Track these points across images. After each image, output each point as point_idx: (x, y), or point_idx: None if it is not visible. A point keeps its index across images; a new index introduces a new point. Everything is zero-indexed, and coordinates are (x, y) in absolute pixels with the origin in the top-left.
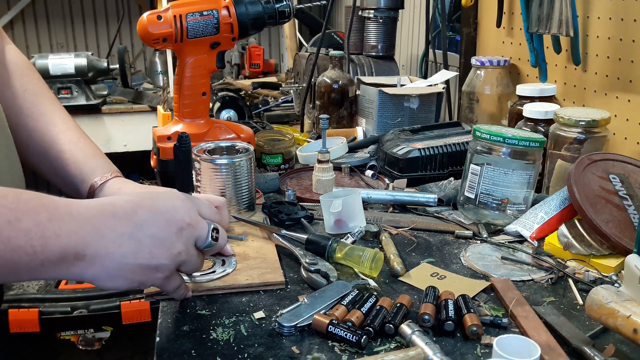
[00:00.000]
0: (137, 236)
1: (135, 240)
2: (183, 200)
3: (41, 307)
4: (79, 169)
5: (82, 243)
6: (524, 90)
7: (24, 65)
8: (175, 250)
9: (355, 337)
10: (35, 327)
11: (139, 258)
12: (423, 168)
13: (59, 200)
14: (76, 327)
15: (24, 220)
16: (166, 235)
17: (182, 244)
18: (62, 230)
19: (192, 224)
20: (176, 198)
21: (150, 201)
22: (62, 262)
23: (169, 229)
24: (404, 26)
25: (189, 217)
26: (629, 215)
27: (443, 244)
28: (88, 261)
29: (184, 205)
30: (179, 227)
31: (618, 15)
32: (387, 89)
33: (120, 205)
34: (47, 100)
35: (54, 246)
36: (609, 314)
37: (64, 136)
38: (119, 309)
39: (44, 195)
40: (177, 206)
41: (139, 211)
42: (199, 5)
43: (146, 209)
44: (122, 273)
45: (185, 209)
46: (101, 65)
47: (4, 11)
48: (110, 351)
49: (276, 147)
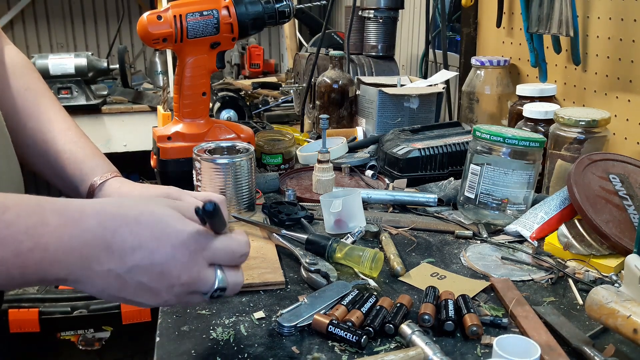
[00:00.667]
0: (124, 277)
1: (122, 280)
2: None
3: (41, 307)
4: (79, 168)
5: (65, 272)
6: (524, 90)
7: (24, 65)
8: (160, 299)
9: (355, 337)
10: (35, 327)
11: (122, 293)
12: (423, 168)
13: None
14: (76, 327)
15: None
16: (155, 286)
17: (173, 296)
18: (44, 260)
19: (186, 282)
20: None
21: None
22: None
23: (160, 282)
24: (404, 26)
25: (188, 275)
26: (629, 215)
27: (443, 244)
28: (70, 283)
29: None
30: (170, 284)
31: (618, 15)
32: (387, 89)
33: (121, 237)
34: (47, 100)
35: (34, 274)
36: (609, 314)
37: (64, 136)
38: (119, 309)
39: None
40: (178, 260)
41: (137, 253)
42: (199, 5)
43: (145, 252)
44: (103, 295)
45: (185, 265)
46: (101, 65)
47: (4, 11)
48: (110, 351)
49: (276, 147)
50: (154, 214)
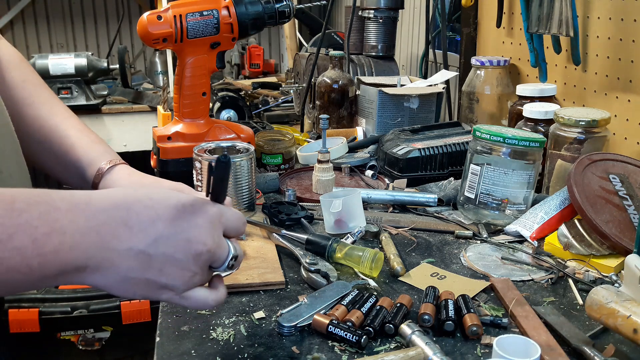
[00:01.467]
0: (148, 251)
1: (146, 256)
2: (209, 218)
3: (41, 307)
4: (86, 152)
5: (84, 256)
6: (524, 90)
7: (20, 58)
8: (188, 273)
9: (355, 337)
10: (35, 327)
11: (147, 273)
12: (423, 168)
13: (60, 204)
14: (76, 327)
15: (18, 236)
16: (182, 257)
17: (198, 267)
18: (63, 245)
19: (212, 249)
20: (204, 214)
21: (174, 214)
22: (62, 275)
23: (187, 251)
24: (404, 26)
25: (212, 240)
26: (629, 215)
27: (443, 244)
28: (89, 272)
29: (209, 226)
30: (198, 251)
31: (618, 15)
32: (387, 89)
33: (136, 212)
34: (46, 91)
35: (53, 263)
36: (609, 314)
37: (68, 122)
38: (119, 309)
39: (43, 199)
40: (201, 226)
41: (158, 224)
42: (199, 5)
43: (166, 222)
44: (125, 285)
45: (208, 231)
46: (101, 65)
47: (4, 11)
48: (110, 351)
49: (276, 147)
50: (162, 191)
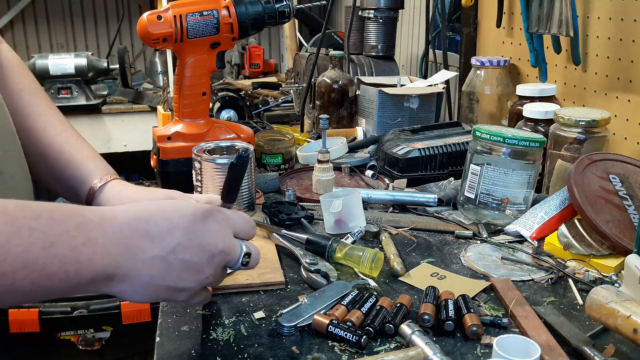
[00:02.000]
0: (168, 259)
1: (166, 263)
2: (220, 222)
3: (41, 307)
4: (78, 170)
5: (114, 265)
6: (524, 90)
7: (19, 64)
8: (203, 275)
9: (355, 337)
10: (35, 327)
11: (166, 280)
12: (423, 168)
13: (93, 217)
14: (76, 327)
15: (58, 245)
16: (197, 261)
17: (212, 269)
18: (96, 254)
19: (225, 250)
20: (213, 220)
21: (187, 223)
22: (93, 284)
23: (202, 255)
24: (404, 26)
25: (223, 242)
26: (629, 215)
27: (443, 244)
28: (117, 281)
29: (220, 229)
30: (212, 253)
31: (618, 15)
32: (387, 89)
33: (155, 223)
34: (42, 100)
35: (87, 270)
36: (609, 314)
37: (62, 137)
38: (119, 309)
39: (77, 212)
40: (213, 231)
41: (175, 233)
42: (199, 5)
43: (182, 231)
44: (146, 292)
45: (220, 234)
46: (101, 65)
47: (4, 11)
48: (110, 351)
49: (276, 147)
50: (173, 202)
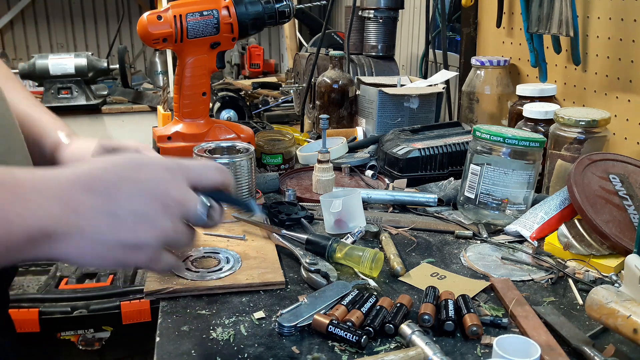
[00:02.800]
0: (116, 212)
1: (115, 217)
2: (173, 171)
3: (41, 307)
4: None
5: (50, 221)
6: (524, 90)
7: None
8: (160, 227)
9: (355, 337)
10: (35, 327)
11: (117, 235)
12: (423, 168)
13: (21, 175)
14: (76, 327)
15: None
16: (150, 211)
17: (169, 221)
18: (28, 211)
19: (180, 200)
20: (165, 169)
21: (135, 172)
22: (30, 244)
23: (154, 204)
24: (404, 26)
25: (177, 191)
26: (629, 215)
27: (443, 244)
28: (58, 240)
29: (173, 179)
30: (165, 203)
31: (618, 15)
32: (387, 89)
33: (99, 176)
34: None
35: (18, 229)
36: (609, 314)
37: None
38: (119, 309)
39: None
40: (165, 179)
41: (122, 185)
42: (199, 5)
43: (130, 182)
44: (97, 251)
45: (173, 183)
46: (101, 65)
47: (4, 11)
48: (110, 351)
49: (276, 147)
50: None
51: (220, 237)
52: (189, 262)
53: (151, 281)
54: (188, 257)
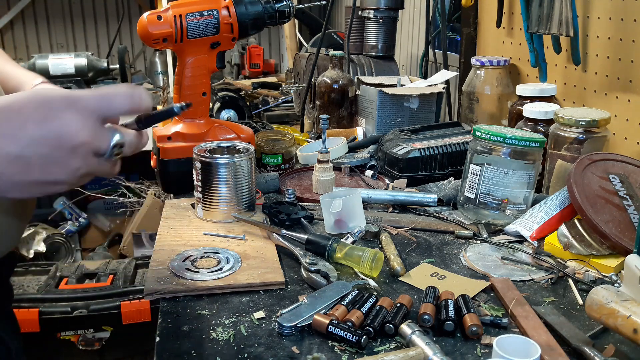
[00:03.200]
0: (25, 155)
1: (24, 160)
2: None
3: (41, 307)
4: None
5: None
6: (524, 90)
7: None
8: (71, 167)
9: (355, 337)
10: (35, 327)
11: (31, 176)
12: (423, 168)
13: None
14: (76, 327)
15: None
16: (58, 154)
17: (79, 160)
18: None
19: (88, 141)
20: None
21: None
22: None
23: (62, 148)
24: (404, 26)
25: (86, 132)
26: (629, 215)
27: (443, 244)
28: None
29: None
30: (72, 146)
31: (618, 15)
32: (387, 89)
33: (6, 117)
34: None
35: None
36: (609, 314)
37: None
38: (119, 309)
39: None
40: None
41: (28, 126)
42: (199, 5)
43: (36, 123)
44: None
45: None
46: (101, 65)
47: (4, 11)
48: (110, 351)
49: (276, 147)
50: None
51: (220, 237)
52: (189, 262)
53: (151, 281)
54: (188, 257)
